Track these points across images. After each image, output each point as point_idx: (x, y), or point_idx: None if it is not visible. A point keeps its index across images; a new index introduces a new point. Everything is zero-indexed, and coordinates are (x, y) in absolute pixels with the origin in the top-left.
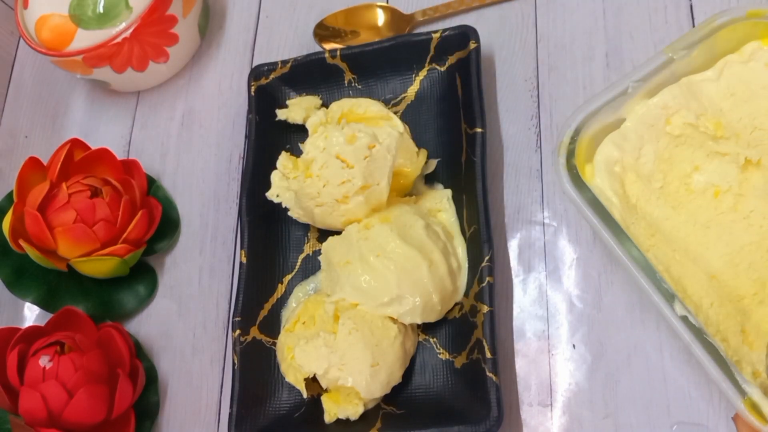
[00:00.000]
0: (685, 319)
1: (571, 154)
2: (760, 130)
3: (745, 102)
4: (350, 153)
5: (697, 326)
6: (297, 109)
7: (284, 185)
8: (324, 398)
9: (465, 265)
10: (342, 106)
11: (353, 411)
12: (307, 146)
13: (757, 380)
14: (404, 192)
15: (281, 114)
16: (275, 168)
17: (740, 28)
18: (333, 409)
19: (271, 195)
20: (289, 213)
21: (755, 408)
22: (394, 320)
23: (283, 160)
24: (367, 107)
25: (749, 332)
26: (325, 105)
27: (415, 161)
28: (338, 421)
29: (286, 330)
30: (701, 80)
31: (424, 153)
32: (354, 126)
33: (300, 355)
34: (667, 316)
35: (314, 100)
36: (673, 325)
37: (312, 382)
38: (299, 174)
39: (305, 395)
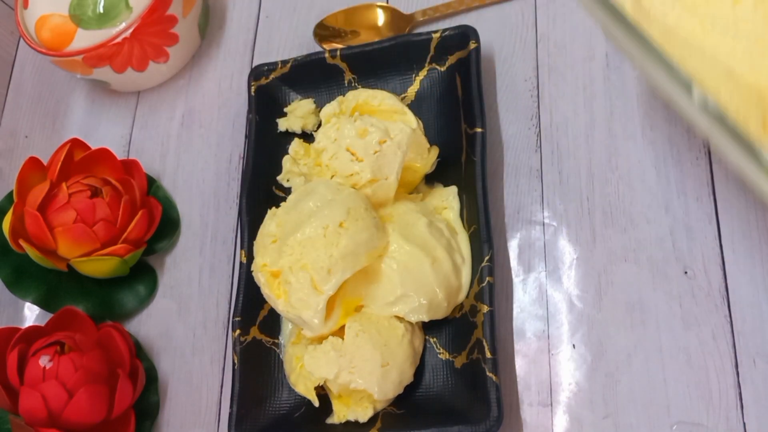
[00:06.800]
0: (703, 106)
1: None
2: None
3: None
4: (360, 147)
5: (717, 111)
6: (293, 118)
7: (295, 170)
8: (334, 401)
9: (470, 260)
10: (358, 96)
11: (363, 413)
12: (319, 135)
13: None
14: (412, 187)
15: (282, 124)
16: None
17: None
18: (343, 411)
19: (282, 179)
20: None
21: None
22: (400, 319)
23: (296, 146)
24: (383, 100)
25: None
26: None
27: (426, 157)
28: None
29: (292, 343)
30: None
31: (435, 150)
32: (367, 120)
33: (309, 362)
34: (683, 107)
35: (308, 104)
36: (691, 115)
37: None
38: (309, 160)
39: (316, 404)
